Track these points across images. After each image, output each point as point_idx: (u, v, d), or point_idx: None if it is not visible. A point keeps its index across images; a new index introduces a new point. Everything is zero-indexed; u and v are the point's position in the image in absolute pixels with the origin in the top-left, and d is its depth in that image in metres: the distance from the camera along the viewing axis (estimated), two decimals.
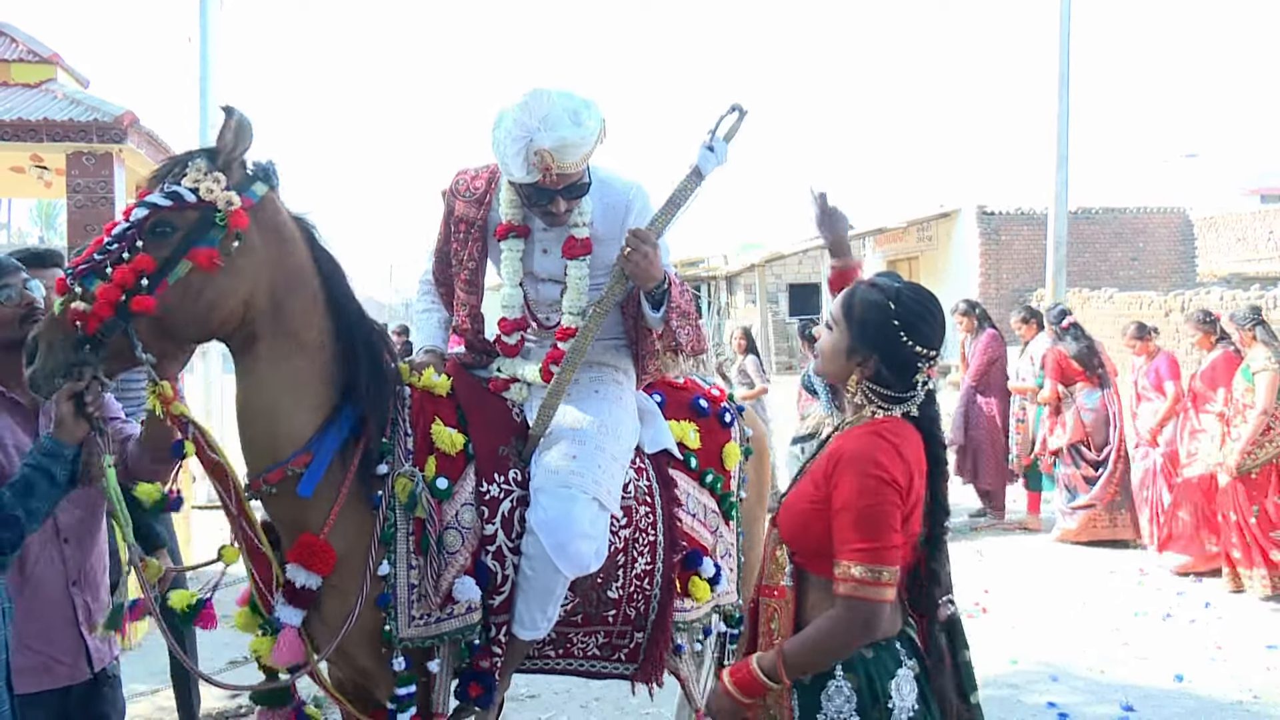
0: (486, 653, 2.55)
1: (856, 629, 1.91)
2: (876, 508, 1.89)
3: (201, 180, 2.20)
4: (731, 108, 2.64)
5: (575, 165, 2.51)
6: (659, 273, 2.56)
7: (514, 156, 2.48)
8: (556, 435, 2.64)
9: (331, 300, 2.41)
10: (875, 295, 2.00)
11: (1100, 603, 6.29)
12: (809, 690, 1.96)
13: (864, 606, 1.88)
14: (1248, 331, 6.31)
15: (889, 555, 1.89)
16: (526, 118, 2.45)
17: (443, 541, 2.47)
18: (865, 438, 1.96)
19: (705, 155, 2.60)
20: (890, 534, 1.90)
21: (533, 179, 2.51)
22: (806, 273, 24.95)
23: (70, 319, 2.11)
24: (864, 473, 1.90)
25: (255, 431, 2.37)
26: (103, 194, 5.87)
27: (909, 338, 1.96)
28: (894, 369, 1.97)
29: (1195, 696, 4.72)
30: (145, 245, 2.17)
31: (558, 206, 2.60)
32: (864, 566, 1.87)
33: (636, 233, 2.54)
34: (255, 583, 2.46)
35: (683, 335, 2.66)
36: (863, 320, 1.99)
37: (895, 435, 1.96)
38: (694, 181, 2.59)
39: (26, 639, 2.32)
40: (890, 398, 1.99)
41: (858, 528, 1.89)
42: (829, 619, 1.92)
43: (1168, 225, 19.61)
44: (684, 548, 2.79)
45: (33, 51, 6.80)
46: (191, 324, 2.23)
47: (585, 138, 2.47)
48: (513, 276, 2.78)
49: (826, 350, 2.07)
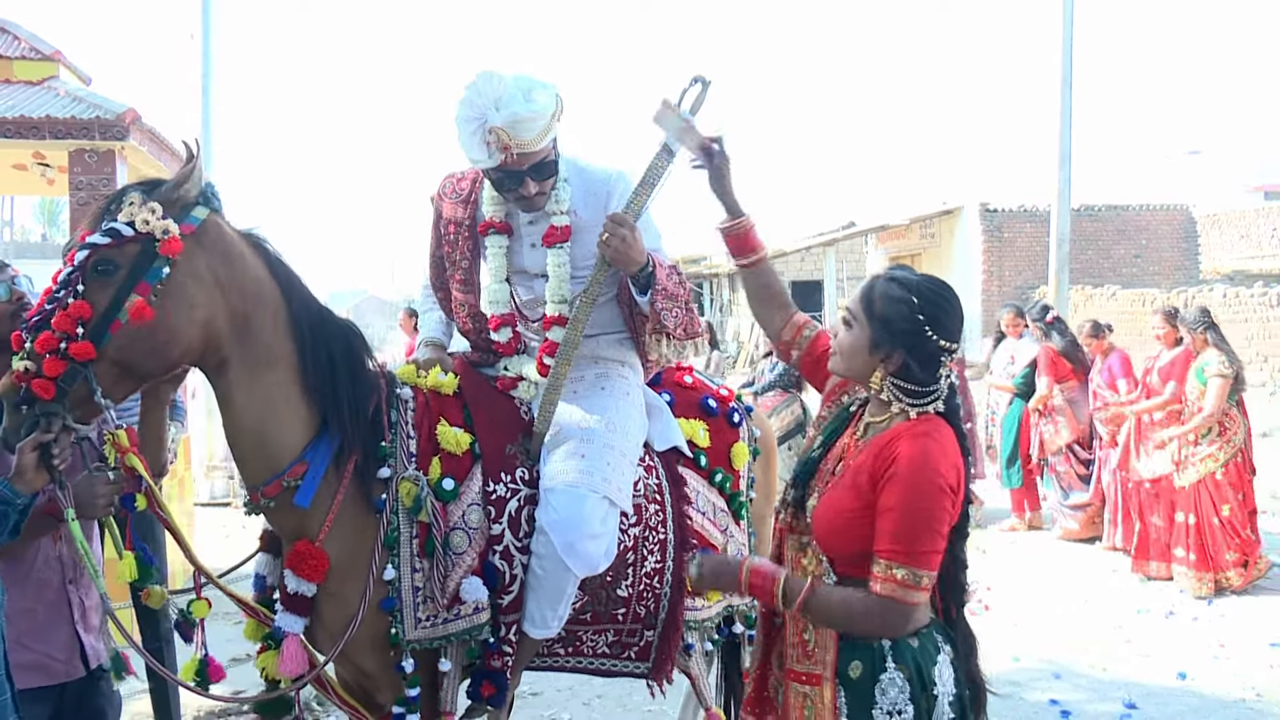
0: (498, 652, 2.54)
1: (884, 627, 1.92)
2: (930, 513, 1.88)
3: (137, 213, 2.17)
4: (694, 80, 2.59)
5: (534, 142, 2.49)
6: (640, 255, 2.54)
7: (470, 137, 2.48)
8: (565, 433, 2.63)
9: (293, 311, 2.38)
10: (897, 290, 1.97)
11: (1102, 600, 6.29)
12: (858, 685, 1.95)
13: (898, 608, 1.89)
14: (1199, 335, 6.37)
15: (932, 560, 1.89)
16: (478, 98, 2.46)
17: (449, 542, 2.46)
18: (918, 441, 1.93)
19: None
20: (937, 539, 1.90)
21: (494, 160, 2.50)
22: (809, 270, 24.94)
23: (16, 378, 2.09)
24: (921, 478, 1.89)
25: (246, 449, 2.38)
26: (105, 191, 5.86)
27: (934, 331, 1.94)
28: (920, 363, 1.95)
29: (1198, 694, 4.72)
30: (88, 288, 2.14)
31: (528, 189, 2.58)
32: (907, 569, 1.87)
33: (613, 216, 2.52)
34: (247, 608, 2.51)
35: (669, 318, 2.62)
36: (885, 316, 1.96)
37: (943, 437, 1.95)
38: (665, 158, 2.56)
39: (23, 636, 2.33)
40: (917, 393, 1.97)
41: (907, 530, 1.88)
42: (864, 604, 1.91)
43: (1171, 222, 19.58)
44: (694, 545, 2.77)
45: (35, 49, 6.80)
46: (150, 359, 2.21)
47: (538, 113, 2.46)
48: (498, 272, 2.76)
49: (846, 348, 2.03)
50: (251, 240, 2.40)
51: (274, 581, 2.56)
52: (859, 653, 1.95)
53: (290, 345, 2.37)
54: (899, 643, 1.94)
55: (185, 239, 2.22)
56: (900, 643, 1.94)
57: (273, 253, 2.42)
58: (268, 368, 2.34)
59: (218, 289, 2.27)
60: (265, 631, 2.51)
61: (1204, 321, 6.38)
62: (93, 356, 2.10)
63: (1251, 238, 24.18)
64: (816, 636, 2.01)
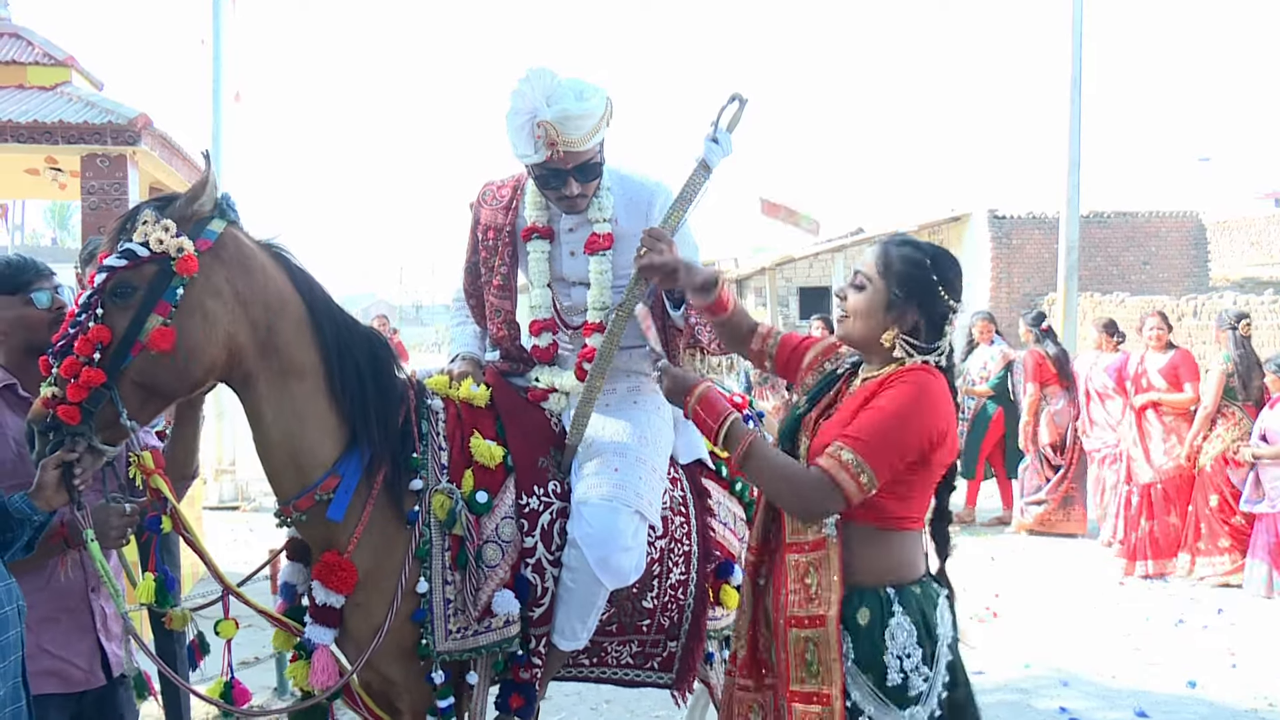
0: (527, 664, 2.55)
1: (807, 501, 1.99)
2: (904, 428, 1.98)
3: (151, 232, 2.14)
4: (731, 98, 2.62)
5: (581, 142, 2.50)
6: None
7: (518, 131, 2.50)
8: (598, 447, 2.63)
9: (317, 321, 2.35)
10: (913, 252, 2.10)
11: (1111, 608, 6.26)
12: (866, 631, 2.02)
13: (829, 489, 1.95)
14: (1222, 330, 6.87)
15: (881, 465, 1.95)
16: (530, 92, 2.48)
17: (482, 555, 2.45)
18: (918, 376, 2.03)
19: (710, 148, 2.60)
20: (894, 453, 1.97)
21: (540, 156, 2.51)
22: (817, 276, 24.90)
23: (44, 404, 2.09)
24: (910, 402, 1.99)
25: (277, 463, 2.35)
26: (117, 196, 5.89)
27: (945, 292, 2.08)
28: (930, 322, 2.08)
29: (1209, 703, 4.69)
30: (107, 312, 2.13)
31: (570, 188, 2.59)
32: (855, 456, 1.94)
33: (651, 231, 2.52)
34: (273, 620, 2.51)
35: (703, 333, 2.64)
36: (903, 275, 2.08)
37: (940, 385, 2.06)
38: (702, 175, 2.58)
39: (45, 643, 2.32)
40: (925, 349, 2.08)
41: (877, 425, 1.97)
42: (800, 474, 2.00)
43: (1180, 229, 19.49)
44: (717, 557, 2.79)
45: (48, 54, 6.84)
46: (174, 379, 2.18)
47: (588, 112, 2.48)
48: (540, 278, 2.77)
49: (862, 308, 2.11)
50: (271, 251, 2.37)
51: (303, 590, 2.54)
52: (867, 600, 2.03)
53: (316, 356, 2.34)
54: (905, 590, 2.05)
55: (202, 255, 2.18)
56: (906, 590, 2.05)
57: (294, 263, 2.39)
58: (295, 380, 2.32)
59: (238, 303, 2.24)
60: (295, 641, 2.50)
61: (1230, 323, 6.82)
62: (104, 381, 2.08)
63: (1262, 245, 24.06)
64: (820, 580, 2.06)
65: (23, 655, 2.02)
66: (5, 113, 6.00)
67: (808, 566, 2.08)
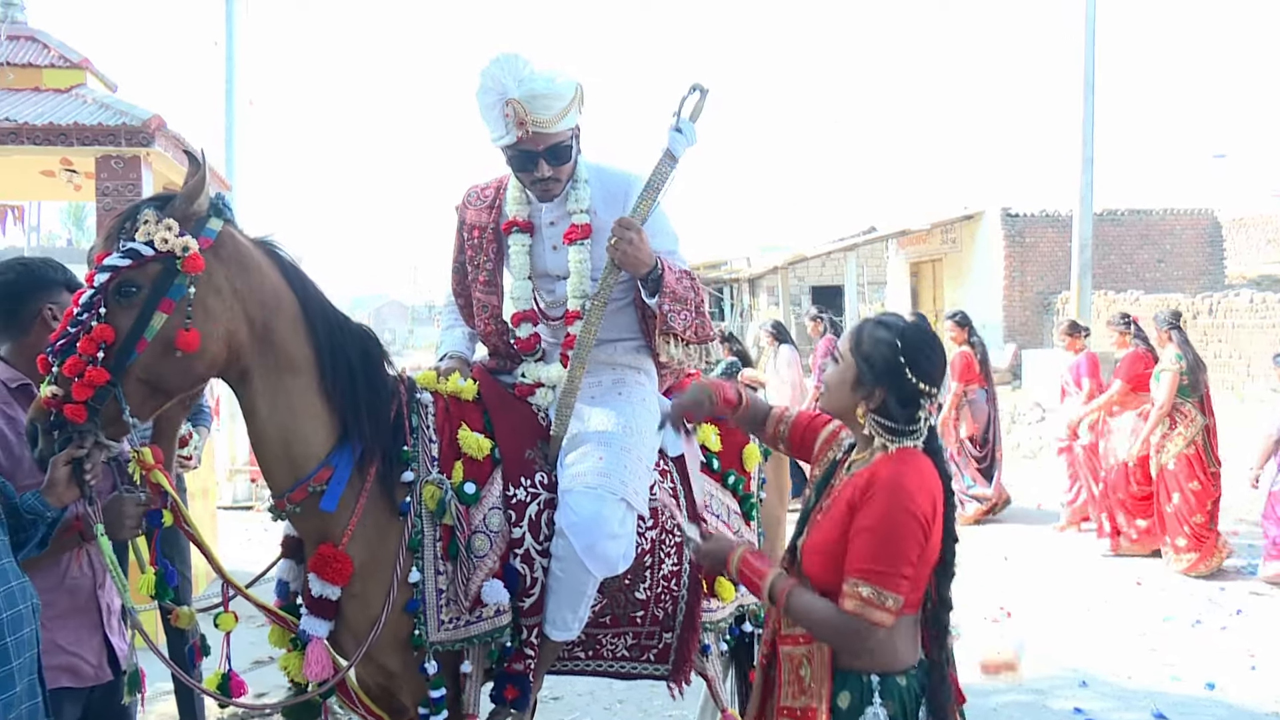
0: (520, 655, 2.57)
1: (847, 642, 2.00)
2: (898, 536, 1.96)
3: (154, 231, 2.17)
4: (693, 88, 2.69)
5: (551, 123, 2.54)
6: (648, 258, 2.57)
7: (489, 110, 2.54)
8: (582, 437, 2.66)
9: (311, 317, 2.40)
10: (882, 332, 2.09)
11: (1127, 608, 6.23)
12: (845, 716, 2.03)
13: (863, 627, 1.96)
14: (1164, 332, 7.15)
15: (898, 583, 1.95)
16: (499, 72, 2.52)
17: (471, 545, 2.49)
18: (894, 465, 2.03)
19: (675, 137, 2.66)
20: (904, 564, 1.96)
21: (511, 138, 2.55)
22: (829, 275, 24.86)
23: (45, 403, 2.11)
24: (893, 500, 1.97)
25: (272, 456, 2.40)
26: (131, 197, 5.90)
27: (913, 374, 2.04)
28: (899, 402, 2.05)
29: (1228, 705, 4.65)
30: (110, 311, 2.15)
31: (542, 170, 2.63)
32: (872, 588, 1.94)
33: (621, 220, 2.57)
34: (273, 616, 2.53)
35: (676, 320, 2.66)
36: (870, 355, 2.08)
37: (921, 467, 2.04)
38: (668, 164, 2.64)
39: (58, 639, 2.35)
40: (897, 430, 2.06)
41: (875, 549, 1.96)
42: (835, 617, 1.99)
43: (1195, 227, 19.37)
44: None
45: (64, 57, 6.87)
46: (177, 375, 2.22)
47: (556, 91, 2.52)
48: (521, 270, 2.81)
49: (833, 383, 2.14)
50: (266, 248, 2.42)
51: (297, 587, 2.58)
52: (850, 684, 2.04)
53: (310, 351, 2.39)
54: (888, 680, 2.03)
55: (204, 253, 2.22)
56: (889, 680, 2.03)
57: (288, 260, 2.44)
58: (290, 374, 2.37)
59: (237, 300, 2.28)
60: (290, 636, 2.53)
61: (1171, 323, 7.12)
62: (108, 380, 2.11)
63: (1278, 242, 23.88)
64: (812, 671, 2.08)
65: (38, 652, 2.03)
66: (22, 115, 6.03)
67: (802, 659, 2.11)
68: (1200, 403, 6.98)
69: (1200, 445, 6.92)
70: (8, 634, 1.93)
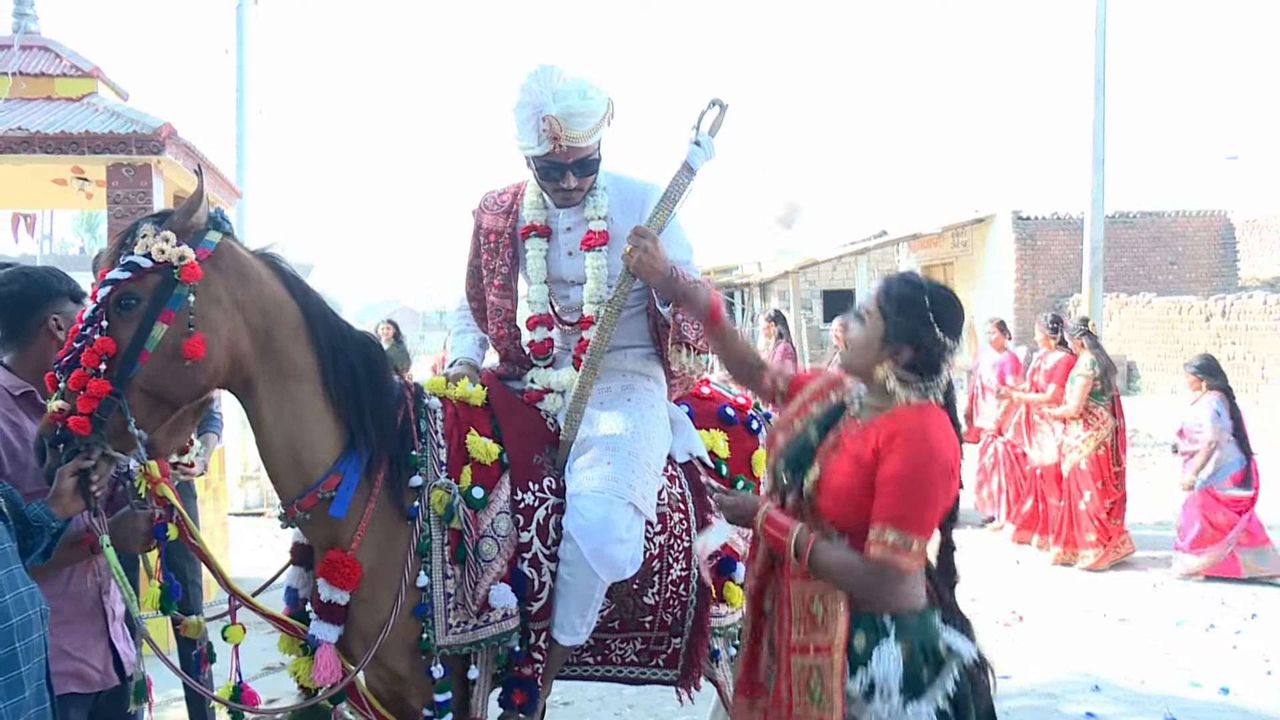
0: (528, 660, 2.58)
1: (877, 590, 2.05)
2: (926, 485, 2.03)
3: (152, 243, 2.22)
4: (712, 103, 2.74)
5: (583, 138, 2.59)
6: (663, 267, 2.58)
7: (524, 123, 2.59)
8: (591, 442, 2.67)
9: (312, 325, 2.42)
10: (910, 290, 2.15)
11: (1140, 612, 6.18)
12: (859, 655, 2.06)
13: (890, 573, 2.03)
14: (1076, 340, 7.47)
15: (924, 526, 2.04)
16: (537, 86, 2.57)
17: (479, 550, 2.50)
18: (919, 416, 2.09)
19: (694, 151, 2.70)
20: (929, 509, 2.05)
21: (544, 150, 2.60)
22: (840, 279, 24.81)
23: (52, 418, 2.13)
24: (920, 450, 2.04)
25: (280, 464, 2.42)
26: (142, 204, 5.93)
27: (941, 329, 2.11)
28: (925, 358, 2.12)
29: (1242, 710, 4.61)
30: (112, 324, 2.18)
31: (568, 181, 2.68)
32: (899, 534, 2.01)
33: (637, 229, 2.59)
34: (281, 624, 2.54)
35: (688, 329, 2.69)
36: (900, 312, 2.13)
37: (940, 417, 2.12)
38: (686, 177, 2.68)
39: (65, 646, 2.36)
40: (921, 385, 2.13)
41: (903, 497, 2.02)
42: (860, 567, 2.05)
43: (1208, 228, 19.27)
44: (718, 554, 2.80)
45: (75, 66, 6.91)
46: (180, 386, 2.25)
47: (591, 109, 2.58)
48: (537, 274, 2.84)
49: (859, 341, 2.19)
50: (266, 259, 2.45)
51: (306, 594, 2.59)
52: (864, 624, 2.07)
53: (312, 358, 2.41)
54: (902, 620, 2.07)
55: (202, 264, 2.25)
56: (903, 620, 2.07)
57: (288, 270, 2.47)
58: (294, 382, 2.38)
59: (238, 310, 2.31)
60: (300, 642, 2.54)
61: (1082, 329, 7.45)
62: (111, 391, 2.13)
63: None
64: (825, 609, 2.10)
65: (46, 658, 2.04)
66: (34, 124, 6.07)
67: (814, 595, 2.12)
68: (1111, 405, 7.29)
69: (1109, 446, 7.24)
70: (17, 639, 1.94)
